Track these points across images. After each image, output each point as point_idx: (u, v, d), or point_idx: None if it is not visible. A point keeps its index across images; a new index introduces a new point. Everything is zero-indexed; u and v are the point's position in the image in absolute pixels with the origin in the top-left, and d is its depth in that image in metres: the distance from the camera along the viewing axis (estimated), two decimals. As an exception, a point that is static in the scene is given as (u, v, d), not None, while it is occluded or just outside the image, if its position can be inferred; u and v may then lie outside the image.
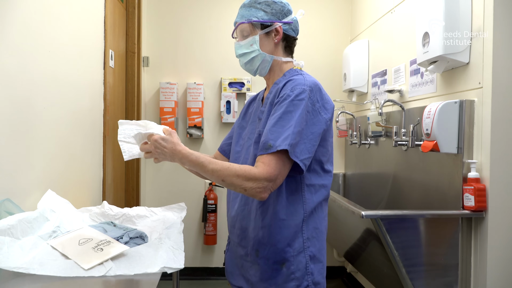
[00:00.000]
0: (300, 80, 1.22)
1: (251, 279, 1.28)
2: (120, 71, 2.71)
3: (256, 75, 1.37)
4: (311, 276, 1.22)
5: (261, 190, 1.11)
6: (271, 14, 1.28)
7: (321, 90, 1.23)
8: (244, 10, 1.30)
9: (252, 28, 1.29)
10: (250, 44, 1.29)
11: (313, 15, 3.29)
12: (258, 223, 1.25)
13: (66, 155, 1.71)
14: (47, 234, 1.22)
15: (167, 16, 3.24)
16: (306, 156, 1.16)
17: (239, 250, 1.33)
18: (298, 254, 1.22)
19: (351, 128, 2.96)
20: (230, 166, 1.13)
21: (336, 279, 3.29)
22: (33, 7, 1.41)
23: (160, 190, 3.24)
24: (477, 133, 1.59)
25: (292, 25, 1.31)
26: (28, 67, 1.38)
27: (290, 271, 1.21)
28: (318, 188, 1.25)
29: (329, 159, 1.28)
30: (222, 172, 1.12)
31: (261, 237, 1.24)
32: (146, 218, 1.54)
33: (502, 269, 1.54)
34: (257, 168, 1.12)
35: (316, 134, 1.18)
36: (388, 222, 1.68)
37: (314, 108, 1.19)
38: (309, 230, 1.24)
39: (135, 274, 1.06)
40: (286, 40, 1.32)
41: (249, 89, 3.23)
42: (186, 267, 1.65)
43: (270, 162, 1.12)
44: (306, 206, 1.23)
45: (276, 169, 1.11)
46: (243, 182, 1.11)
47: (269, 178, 1.11)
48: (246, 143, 1.34)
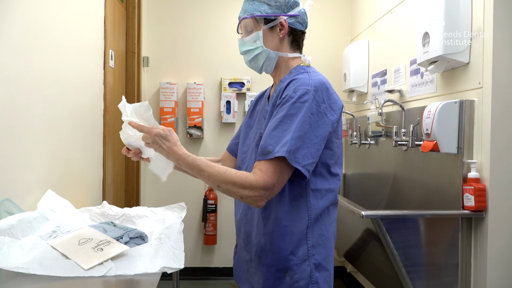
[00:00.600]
0: (304, 79, 1.15)
1: (255, 285, 1.24)
2: (120, 71, 2.71)
3: (262, 73, 1.30)
4: (316, 285, 1.16)
5: (258, 198, 1.07)
6: (276, 7, 1.20)
7: (328, 89, 1.15)
8: (247, 4, 1.23)
9: (256, 23, 1.21)
10: (253, 40, 1.22)
11: (313, 15, 3.28)
12: (260, 229, 1.19)
13: (66, 155, 1.71)
14: (47, 234, 1.21)
15: (167, 16, 3.24)
16: (310, 162, 1.09)
17: (245, 255, 1.29)
18: (302, 262, 1.16)
19: (351, 128, 2.96)
20: (226, 172, 1.08)
21: (336, 279, 3.29)
22: (33, 7, 1.41)
23: (160, 190, 3.24)
24: (477, 133, 1.59)
25: (299, 18, 1.22)
26: (28, 67, 1.38)
27: (293, 280, 1.15)
28: (325, 193, 1.18)
29: (338, 161, 1.20)
30: (218, 177, 1.08)
31: (263, 244, 1.18)
32: (146, 218, 1.54)
33: (502, 269, 1.54)
34: (254, 175, 1.07)
35: (321, 138, 1.11)
36: (388, 222, 1.68)
37: (319, 109, 1.11)
38: (314, 237, 1.17)
39: (135, 274, 1.06)
40: (292, 35, 1.24)
41: (249, 89, 3.23)
42: (186, 267, 1.65)
43: (267, 170, 1.06)
44: (311, 212, 1.16)
45: (274, 177, 1.06)
46: (239, 190, 1.07)
47: (266, 187, 1.06)
48: (252, 143, 1.27)
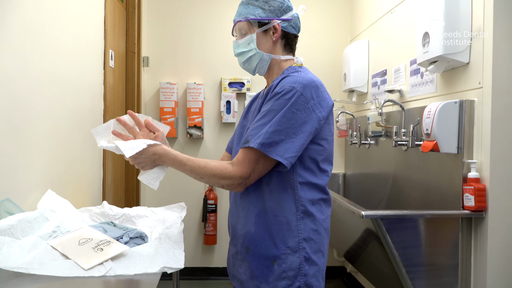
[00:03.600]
0: (293, 77, 1.20)
1: (240, 277, 1.27)
2: (120, 71, 2.71)
3: (255, 74, 1.36)
4: (304, 278, 1.20)
5: (236, 186, 1.18)
6: (269, 11, 1.25)
7: (318, 87, 1.19)
8: (242, 8, 1.28)
9: (250, 26, 1.27)
10: (247, 42, 1.27)
11: (313, 15, 3.29)
12: (249, 219, 1.24)
13: (66, 155, 1.71)
14: (47, 234, 1.21)
15: (167, 16, 3.24)
16: (293, 155, 1.15)
17: (231, 249, 1.34)
18: (292, 253, 1.20)
19: (351, 128, 2.96)
20: (206, 165, 1.18)
21: (336, 279, 3.29)
22: (33, 7, 1.41)
23: (160, 190, 3.23)
24: (477, 133, 1.59)
25: (291, 22, 1.28)
26: (28, 67, 1.38)
27: (282, 269, 1.19)
28: (312, 186, 1.23)
29: (328, 158, 1.26)
30: (200, 171, 1.18)
31: (253, 233, 1.23)
32: (146, 218, 1.54)
33: (502, 269, 1.54)
34: (232, 166, 1.17)
35: (307, 133, 1.16)
36: (388, 222, 1.68)
37: (307, 106, 1.16)
38: (307, 231, 1.21)
39: (135, 274, 1.06)
40: (285, 38, 1.29)
41: (249, 89, 3.23)
42: (186, 267, 1.65)
43: (243, 160, 1.16)
44: (299, 204, 1.21)
45: (249, 167, 1.16)
46: (220, 180, 1.17)
47: (242, 176, 1.16)
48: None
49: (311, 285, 1.21)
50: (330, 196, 1.29)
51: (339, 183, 3.26)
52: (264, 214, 1.22)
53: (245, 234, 1.25)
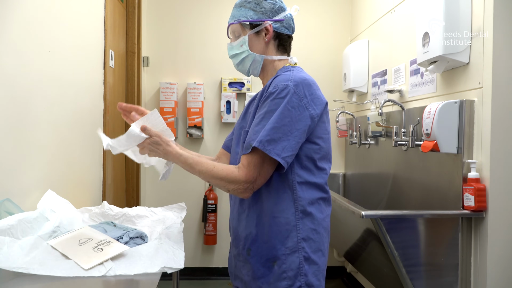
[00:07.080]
0: (285, 76, 1.20)
1: (244, 278, 1.28)
2: (120, 71, 2.71)
3: (249, 76, 1.37)
4: (305, 277, 1.20)
5: (242, 191, 1.17)
6: (261, 12, 1.26)
7: (311, 85, 1.20)
8: (235, 11, 1.30)
9: (242, 28, 1.28)
10: (240, 44, 1.29)
11: (313, 15, 3.29)
12: (250, 221, 1.25)
13: (66, 155, 1.71)
14: (47, 234, 1.22)
15: (167, 16, 3.24)
16: (289, 154, 1.15)
17: (232, 250, 1.35)
18: (292, 253, 1.20)
19: (351, 128, 2.96)
20: (214, 168, 1.17)
21: (336, 279, 3.29)
22: (33, 7, 1.41)
23: (160, 190, 3.24)
24: (477, 133, 1.59)
25: (284, 23, 1.28)
26: (28, 67, 1.38)
27: (281, 269, 1.20)
28: (310, 186, 1.23)
29: (326, 156, 1.25)
30: (207, 174, 1.18)
31: (254, 235, 1.23)
32: (146, 218, 1.54)
33: (502, 269, 1.54)
34: (238, 170, 1.16)
35: (301, 131, 1.16)
36: (388, 222, 1.68)
37: (301, 103, 1.16)
38: (306, 231, 1.21)
39: (135, 274, 1.06)
40: (278, 38, 1.30)
41: (249, 89, 3.23)
42: (186, 267, 1.65)
43: (249, 164, 1.15)
44: (298, 204, 1.21)
45: (255, 171, 1.15)
46: (226, 184, 1.17)
47: (248, 181, 1.15)
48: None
49: (311, 284, 1.21)
50: (329, 195, 1.29)
51: (339, 183, 3.26)
52: (264, 216, 1.22)
53: (246, 236, 1.25)
